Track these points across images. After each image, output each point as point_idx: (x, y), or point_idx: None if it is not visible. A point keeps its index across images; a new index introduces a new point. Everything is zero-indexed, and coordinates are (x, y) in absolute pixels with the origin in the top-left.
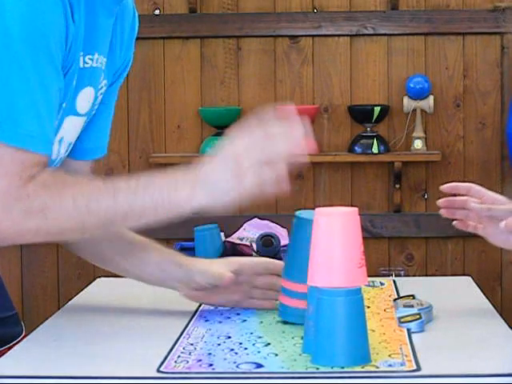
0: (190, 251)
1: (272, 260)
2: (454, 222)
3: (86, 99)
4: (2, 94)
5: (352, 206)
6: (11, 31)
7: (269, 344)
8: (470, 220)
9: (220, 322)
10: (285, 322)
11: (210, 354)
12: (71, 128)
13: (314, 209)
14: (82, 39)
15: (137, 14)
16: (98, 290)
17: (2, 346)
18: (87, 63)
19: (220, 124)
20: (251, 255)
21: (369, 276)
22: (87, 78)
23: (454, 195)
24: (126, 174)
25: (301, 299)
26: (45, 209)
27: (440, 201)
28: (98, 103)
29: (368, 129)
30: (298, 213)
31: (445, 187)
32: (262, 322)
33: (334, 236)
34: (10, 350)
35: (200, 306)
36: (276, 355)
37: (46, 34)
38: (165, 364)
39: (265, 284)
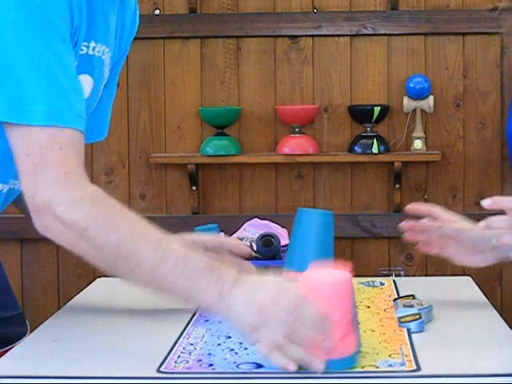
0: None
1: (225, 238)
2: (417, 246)
3: (85, 87)
4: (15, 76)
5: (352, 206)
6: (13, 14)
7: None
8: (433, 242)
9: (220, 322)
10: None
11: (210, 354)
12: None
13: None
14: (85, 26)
15: (138, 8)
16: (98, 290)
17: (7, 345)
18: (82, 50)
19: (220, 124)
20: (251, 255)
21: (369, 276)
22: (83, 66)
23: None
24: (126, 174)
25: None
26: (87, 230)
27: (402, 224)
28: (100, 94)
29: (368, 129)
30: (301, 209)
31: (408, 208)
32: None
33: (322, 303)
34: (10, 350)
35: None
36: None
37: (48, 11)
38: (165, 364)
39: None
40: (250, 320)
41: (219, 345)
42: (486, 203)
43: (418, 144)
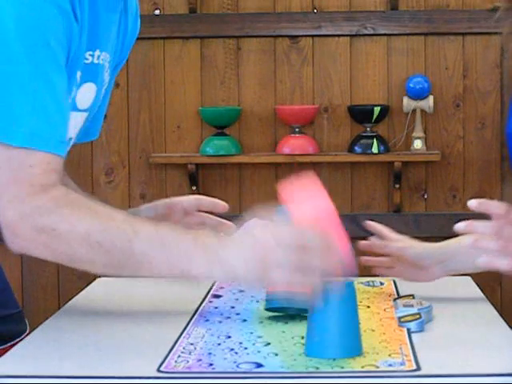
0: None
1: (201, 196)
2: (374, 270)
3: (86, 95)
4: (3, 95)
5: (352, 206)
6: (8, 33)
7: (269, 344)
8: (384, 264)
9: (220, 322)
10: (285, 322)
11: (210, 353)
12: (71, 123)
13: None
14: (86, 37)
15: (139, 11)
16: (98, 290)
17: (6, 343)
18: (87, 59)
19: (220, 124)
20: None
21: (369, 276)
22: (88, 74)
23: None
24: (126, 174)
25: None
26: (56, 229)
27: (360, 244)
28: (101, 98)
29: (368, 129)
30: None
31: (368, 224)
32: (261, 322)
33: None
34: (10, 350)
35: (200, 306)
36: (276, 355)
37: (45, 33)
38: (165, 364)
39: (196, 223)
40: (253, 269)
41: (219, 345)
42: (473, 204)
43: (417, 144)
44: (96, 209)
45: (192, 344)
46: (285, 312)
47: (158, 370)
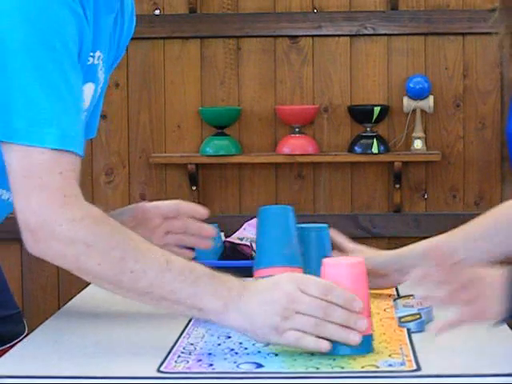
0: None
1: (180, 201)
2: None
3: (87, 95)
4: (29, 98)
5: (352, 206)
6: (27, 37)
7: (269, 344)
8: None
9: None
10: None
11: (210, 353)
12: None
13: (313, 209)
14: (92, 38)
15: (135, 10)
16: (98, 291)
17: (5, 344)
18: (89, 61)
19: (220, 124)
20: (251, 255)
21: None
22: (88, 75)
23: None
24: (126, 174)
25: None
26: (90, 246)
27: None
28: (97, 97)
29: (368, 129)
30: (261, 207)
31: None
32: None
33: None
34: (10, 350)
35: None
36: (276, 355)
37: (63, 34)
38: (165, 364)
39: (179, 228)
40: (271, 318)
41: (219, 345)
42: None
43: (417, 144)
44: (131, 235)
45: (192, 344)
46: None
47: (158, 371)
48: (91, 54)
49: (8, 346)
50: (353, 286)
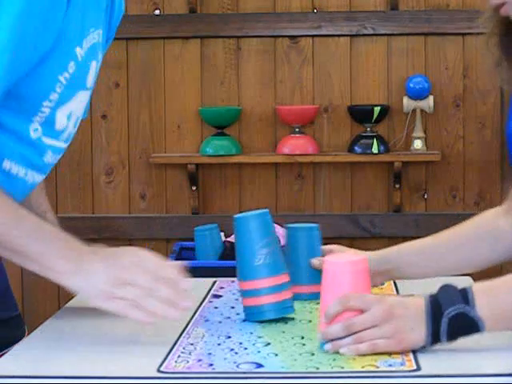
0: (190, 251)
1: None
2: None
3: (92, 73)
4: None
5: (352, 206)
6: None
7: (269, 344)
8: None
9: (220, 322)
10: (285, 322)
11: (210, 353)
12: (79, 102)
13: (313, 209)
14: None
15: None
16: None
17: (5, 348)
18: (95, 38)
19: (220, 124)
20: None
21: None
22: (93, 53)
23: None
24: (126, 174)
25: (251, 297)
26: None
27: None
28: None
29: (368, 129)
30: (236, 216)
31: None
32: (261, 322)
33: (343, 285)
34: (10, 350)
35: (200, 306)
36: (276, 355)
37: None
38: (165, 364)
39: None
40: (108, 280)
41: (219, 345)
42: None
43: (417, 144)
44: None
45: (192, 344)
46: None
47: (158, 370)
48: (99, 31)
49: (6, 350)
50: (354, 284)
